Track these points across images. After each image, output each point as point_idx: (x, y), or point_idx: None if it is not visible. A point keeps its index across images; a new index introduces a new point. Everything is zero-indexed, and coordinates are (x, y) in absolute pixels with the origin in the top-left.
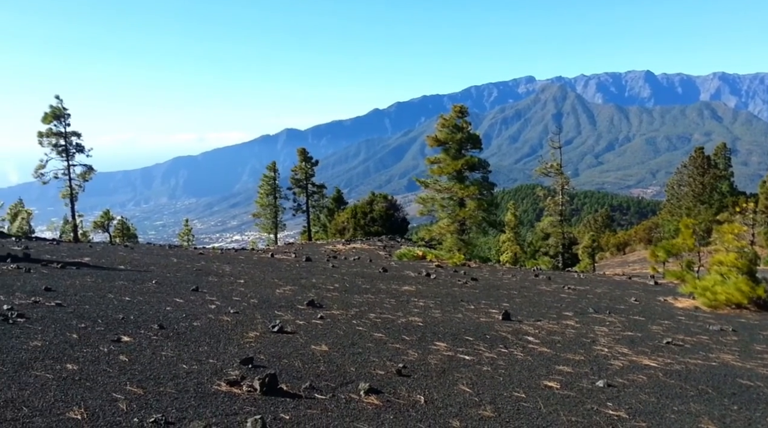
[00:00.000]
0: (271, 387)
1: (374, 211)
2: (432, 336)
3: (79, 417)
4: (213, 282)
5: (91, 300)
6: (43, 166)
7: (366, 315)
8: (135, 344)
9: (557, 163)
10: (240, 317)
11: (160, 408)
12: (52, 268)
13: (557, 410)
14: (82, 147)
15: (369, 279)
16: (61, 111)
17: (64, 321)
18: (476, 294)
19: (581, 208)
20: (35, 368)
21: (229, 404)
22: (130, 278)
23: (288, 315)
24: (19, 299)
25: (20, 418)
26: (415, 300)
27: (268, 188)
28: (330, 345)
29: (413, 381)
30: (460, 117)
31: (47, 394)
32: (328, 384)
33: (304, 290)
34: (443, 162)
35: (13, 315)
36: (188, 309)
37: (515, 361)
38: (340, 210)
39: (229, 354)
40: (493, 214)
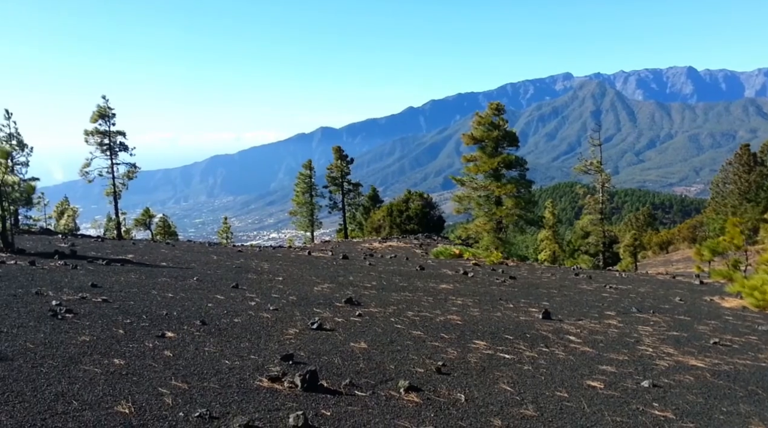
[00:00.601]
0: (312, 383)
1: (410, 209)
2: (471, 335)
3: (126, 411)
4: (252, 280)
5: (136, 297)
6: (88, 164)
7: (404, 313)
8: (179, 340)
9: (597, 161)
10: (279, 314)
11: (205, 403)
12: (97, 265)
13: (601, 410)
14: (125, 146)
15: (406, 277)
16: (107, 110)
17: (111, 316)
18: (515, 292)
19: (622, 207)
20: (84, 362)
21: (271, 399)
22: (173, 275)
23: (326, 313)
24: (67, 295)
25: (70, 412)
26: (453, 298)
27: (304, 186)
28: (369, 343)
29: (453, 379)
30: (497, 115)
31: (96, 388)
32: (368, 381)
33: (342, 288)
34: (479, 160)
35: (61, 311)
36: (229, 306)
37: (557, 360)
38: (375, 208)
39: (269, 351)
40: (531, 212)
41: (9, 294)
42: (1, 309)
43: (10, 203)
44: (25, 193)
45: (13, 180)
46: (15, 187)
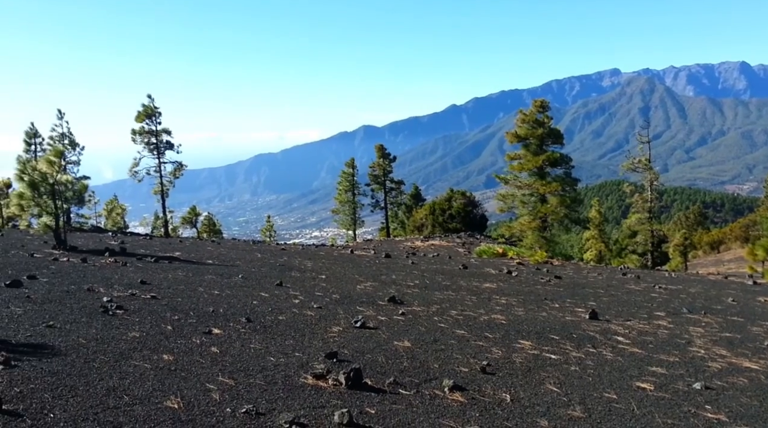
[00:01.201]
0: (356, 381)
1: (453, 207)
2: (516, 335)
3: (175, 406)
4: (296, 278)
5: (183, 294)
6: (136, 163)
7: (447, 312)
8: (225, 336)
9: (645, 158)
10: (323, 312)
11: (251, 399)
12: (146, 262)
13: (652, 412)
14: (171, 144)
15: (449, 276)
16: (153, 110)
17: (159, 313)
18: (560, 292)
19: (671, 205)
20: (134, 358)
21: (315, 397)
22: (218, 272)
23: (370, 311)
24: (118, 291)
25: (121, 406)
26: (496, 297)
27: (346, 184)
28: (412, 342)
29: (498, 379)
30: (541, 112)
31: (145, 383)
32: (412, 379)
33: (385, 286)
34: (524, 158)
35: (112, 307)
36: (273, 304)
37: (604, 361)
38: (417, 206)
39: (314, 348)
40: (576, 211)
41: (62, 291)
42: (55, 305)
43: (64, 202)
44: (77, 191)
45: (66, 179)
46: (68, 185)
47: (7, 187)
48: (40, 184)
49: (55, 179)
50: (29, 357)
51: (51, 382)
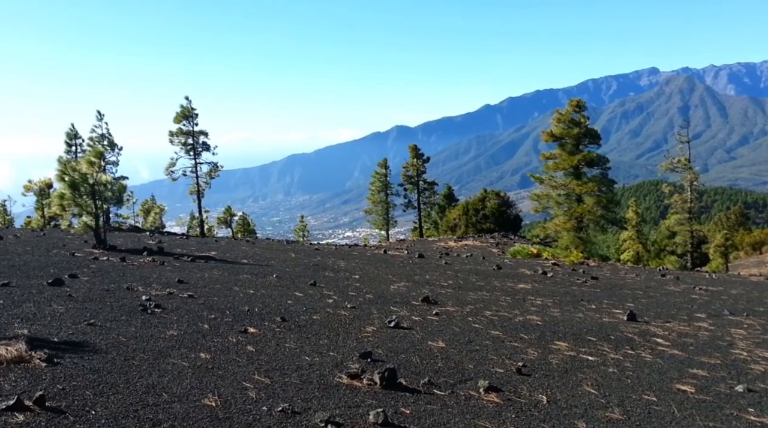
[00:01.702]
0: (391, 381)
1: (486, 207)
2: (552, 336)
3: (213, 404)
4: (329, 278)
5: (219, 293)
6: (173, 163)
7: (481, 312)
8: (260, 335)
9: (685, 158)
10: (357, 312)
11: (287, 398)
12: (183, 261)
13: (693, 415)
14: (208, 145)
15: (483, 277)
16: (190, 111)
17: (196, 312)
18: (597, 293)
19: (711, 206)
20: (172, 356)
21: (350, 396)
22: (253, 272)
23: (403, 311)
24: (156, 290)
25: (160, 404)
26: (531, 298)
27: (379, 185)
28: (447, 342)
29: (534, 380)
30: (578, 111)
31: (184, 381)
32: (447, 380)
33: (418, 286)
34: (559, 157)
35: (151, 306)
36: (308, 303)
37: (643, 363)
38: (451, 206)
39: (348, 348)
40: (613, 211)
41: (102, 290)
42: (96, 303)
43: (103, 202)
44: (116, 192)
45: (106, 179)
46: (107, 186)
47: (49, 187)
48: (81, 184)
49: (95, 179)
50: (71, 355)
51: (92, 380)
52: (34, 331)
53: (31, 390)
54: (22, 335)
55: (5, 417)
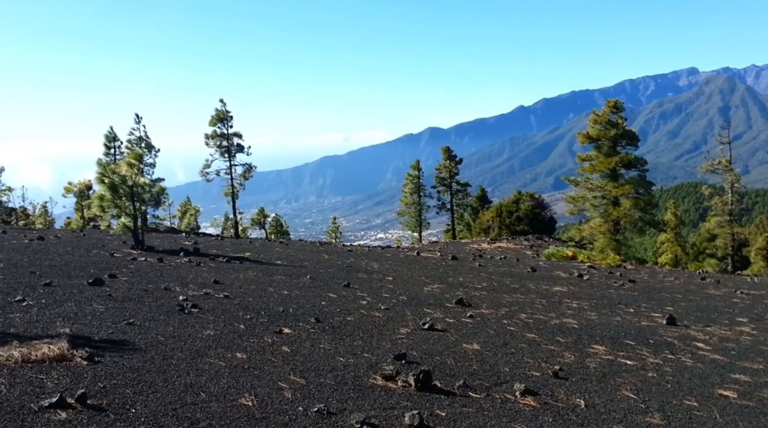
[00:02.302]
0: (426, 383)
1: (520, 209)
2: (589, 339)
3: (249, 404)
4: (363, 279)
5: (254, 293)
6: (208, 165)
7: (516, 315)
8: (295, 336)
9: (726, 160)
10: (391, 313)
11: (322, 399)
12: (218, 262)
13: (735, 420)
14: (242, 147)
15: (517, 279)
16: (225, 114)
17: (232, 312)
18: (635, 296)
19: (752, 208)
20: (209, 356)
21: (385, 398)
22: (287, 273)
23: (437, 313)
24: (192, 290)
25: (198, 403)
26: (567, 301)
27: (412, 186)
28: (481, 344)
29: (571, 384)
30: (615, 112)
31: (221, 381)
32: (482, 383)
33: (452, 288)
34: (595, 159)
35: (188, 306)
36: (341, 304)
37: (684, 368)
38: (484, 208)
39: (382, 349)
40: (651, 214)
41: (141, 290)
42: (134, 303)
43: (142, 203)
44: (154, 193)
45: (144, 181)
46: (145, 188)
47: (88, 189)
48: (120, 186)
49: (133, 181)
50: (111, 354)
51: (132, 378)
52: (75, 330)
53: (73, 388)
54: (64, 334)
55: (48, 414)
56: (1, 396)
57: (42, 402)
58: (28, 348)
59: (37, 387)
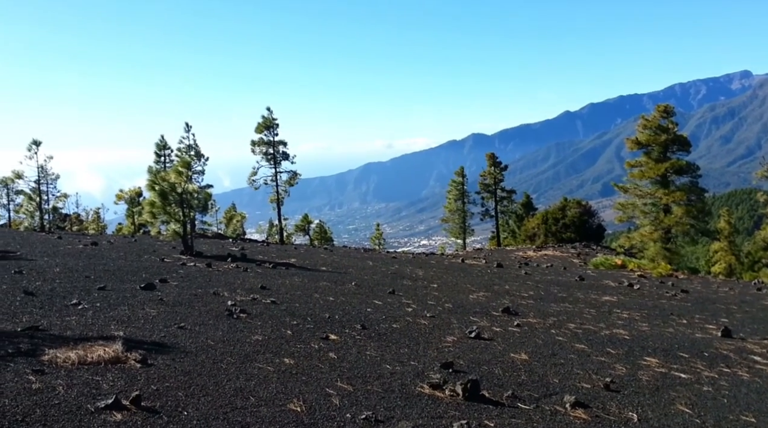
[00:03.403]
0: (474, 393)
1: (567, 216)
2: (641, 351)
3: (298, 409)
4: (408, 286)
5: (300, 299)
6: (255, 173)
7: (565, 324)
8: (341, 342)
9: None
10: (436, 321)
11: (370, 406)
12: (265, 268)
13: None
14: (287, 154)
15: (565, 288)
16: (271, 121)
17: (279, 317)
18: (688, 307)
19: None
20: (258, 360)
21: (433, 407)
22: (332, 279)
23: (484, 322)
24: (240, 296)
25: (248, 407)
26: (617, 311)
27: (456, 193)
28: (530, 354)
29: (623, 397)
30: (665, 117)
31: (269, 386)
32: (531, 394)
33: (498, 296)
34: (645, 165)
35: (236, 311)
36: (387, 311)
37: (740, 382)
38: (529, 215)
39: (429, 358)
40: (704, 221)
41: (191, 294)
42: (185, 307)
43: (191, 210)
44: (203, 200)
45: (193, 188)
46: (194, 194)
47: (138, 195)
48: (170, 193)
49: (183, 188)
50: (163, 357)
51: (184, 381)
52: (129, 333)
53: (127, 390)
54: (119, 336)
55: (104, 415)
56: (60, 397)
57: (98, 403)
58: (84, 350)
59: (93, 388)
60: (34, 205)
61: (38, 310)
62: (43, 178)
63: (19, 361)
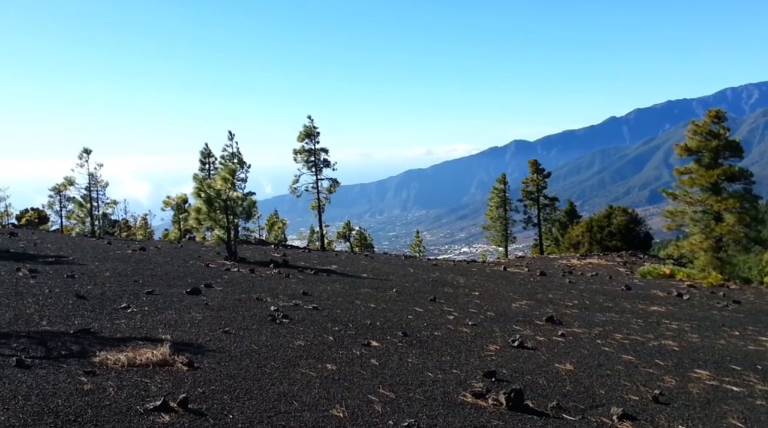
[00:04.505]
0: (517, 402)
1: (612, 224)
2: (690, 363)
3: (341, 415)
4: (449, 294)
5: (342, 306)
6: (296, 180)
7: (611, 335)
8: (383, 349)
9: None
10: (478, 329)
11: (412, 413)
12: (306, 274)
13: None
14: (328, 162)
15: (611, 297)
16: (312, 130)
17: (321, 323)
18: (740, 318)
19: None
20: (300, 366)
21: (476, 416)
22: (373, 286)
23: (527, 331)
24: (283, 301)
25: (291, 411)
26: (666, 322)
27: (498, 200)
28: (575, 365)
29: (673, 410)
30: (716, 122)
31: (312, 391)
32: (577, 405)
33: (541, 305)
34: (695, 172)
35: (279, 316)
36: (428, 319)
37: None
38: (573, 223)
39: (471, 366)
40: (757, 230)
41: (235, 299)
42: (229, 312)
43: (235, 216)
44: (246, 207)
45: (237, 195)
46: (238, 201)
47: (184, 202)
48: (215, 199)
49: (227, 195)
50: (209, 360)
51: (229, 385)
52: (175, 336)
53: (174, 392)
54: (166, 339)
55: (153, 417)
56: (110, 398)
57: (147, 404)
58: (133, 352)
59: (142, 390)
60: (85, 211)
61: (89, 313)
62: (93, 185)
63: (72, 362)
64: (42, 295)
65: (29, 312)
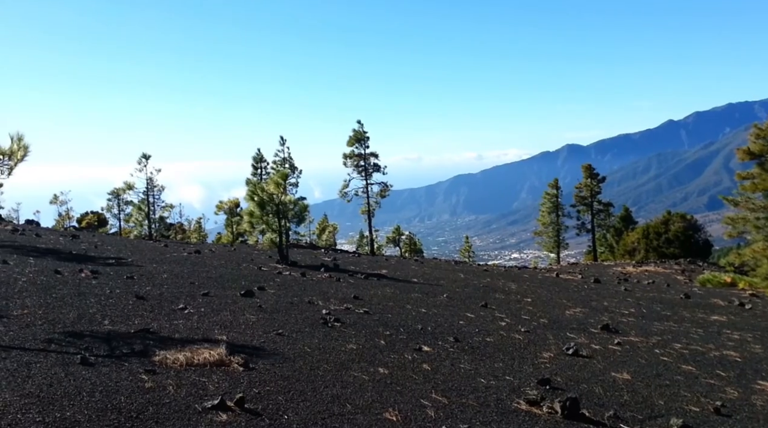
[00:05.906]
0: (573, 411)
1: (670, 231)
2: (754, 374)
3: (394, 419)
4: (500, 300)
5: (392, 310)
6: (346, 185)
7: (670, 344)
8: (434, 354)
9: None
10: (531, 336)
11: (465, 419)
12: (357, 278)
13: None
14: (378, 166)
15: (669, 306)
16: (362, 134)
17: (372, 327)
18: None
19: None
20: (353, 369)
21: (530, 423)
22: (424, 291)
23: (582, 339)
24: (334, 305)
25: (345, 414)
26: (727, 332)
27: (550, 206)
28: (632, 374)
29: (735, 422)
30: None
31: (365, 394)
32: (635, 415)
33: (596, 313)
34: (758, 177)
35: (330, 320)
36: (479, 325)
37: None
38: (628, 229)
39: (524, 373)
40: None
41: (287, 302)
42: (282, 314)
43: (287, 220)
44: (299, 211)
45: (289, 199)
46: (290, 206)
47: (236, 206)
48: (267, 203)
49: (279, 199)
50: (264, 361)
51: (283, 386)
52: (231, 338)
53: (231, 392)
54: (222, 340)
55: (211, 415)
56: (170, 396)
57: (205, 403)
58: (191, 352)
59: (200, 389)
60: (143, 214)
61: (149, 313)
62: (150, 189)
63: (133, 361)
64: (103, 296)
65: (92, 311)
